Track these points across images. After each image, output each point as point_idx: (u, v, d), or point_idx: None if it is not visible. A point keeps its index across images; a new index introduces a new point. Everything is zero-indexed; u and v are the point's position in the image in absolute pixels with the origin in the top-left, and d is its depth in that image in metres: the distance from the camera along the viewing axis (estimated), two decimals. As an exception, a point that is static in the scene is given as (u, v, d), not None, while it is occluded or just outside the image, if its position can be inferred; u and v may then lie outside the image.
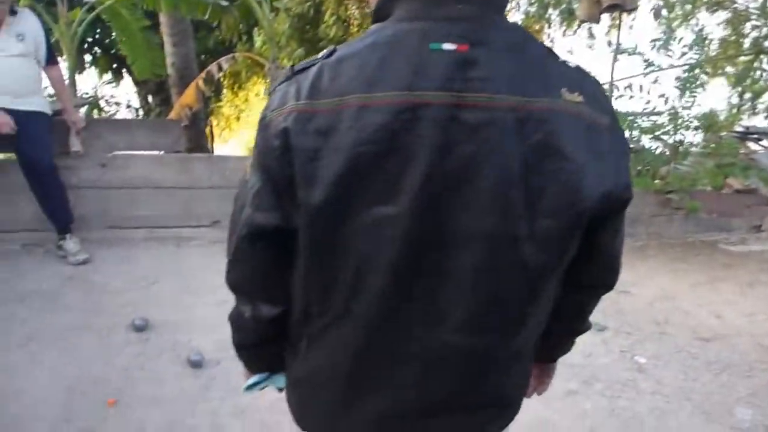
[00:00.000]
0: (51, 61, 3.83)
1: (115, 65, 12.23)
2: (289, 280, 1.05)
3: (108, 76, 12.83)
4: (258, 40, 10.92)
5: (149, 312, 3.36)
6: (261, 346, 1.18)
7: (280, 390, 1.31)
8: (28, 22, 3.65)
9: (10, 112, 3.58)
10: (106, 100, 13.23)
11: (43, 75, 3.87)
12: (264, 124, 0.96)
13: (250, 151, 1.13)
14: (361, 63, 0.89)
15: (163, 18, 8.10)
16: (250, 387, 1.30)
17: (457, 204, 0.88)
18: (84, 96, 10.63)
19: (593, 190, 0.90)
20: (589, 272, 1.06)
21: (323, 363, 1.05)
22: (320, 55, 0.95)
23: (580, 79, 0.94)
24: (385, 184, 0.87)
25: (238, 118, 17.22)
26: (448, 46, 0.87)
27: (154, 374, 2.87)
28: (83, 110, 9.28)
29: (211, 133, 11.71)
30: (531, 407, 1.44)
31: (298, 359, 1.11)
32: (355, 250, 0.92)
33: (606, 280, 1.10)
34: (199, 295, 3.59)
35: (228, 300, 1.07)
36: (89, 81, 12.42)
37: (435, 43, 0.87)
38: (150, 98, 12.05)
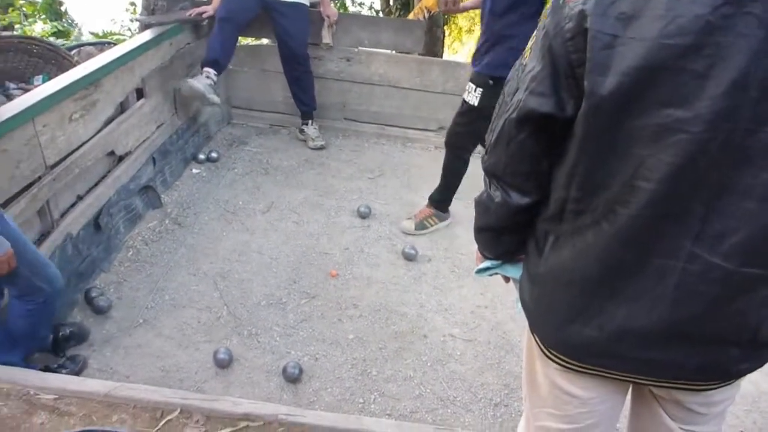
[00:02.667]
0: (316, -44, 4.05)
1: (363, -35, 12.63)
2: (547, 172, 1.04)
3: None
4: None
5: (372, 201, 3.60)
6: (503, 232, 1.20)
7: (507, 280, 1.34)
8: None
9: (277, 3, 3.89)
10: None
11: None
12: (558, 5, 0.92)
13: (532, 36, 1.09)
14: None
15: None
16: (481, 271, 1.34)
17: (763, 118, 0.79)
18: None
19: None
20: None
21: (568, 263, 1.03)
22: None
23: None
24: (685, 84, 0.80)
25: (470, 31, 17.01)
26: None
27: (372, 258, 3.11)
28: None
29: (442, 41, 11.75)
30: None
31: (541, 255, 1.10)
32: (636, 150, 0.87)
33: None
34: (418, 193, 3.74)
35: None
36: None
37: None
38: (391, 1, 12.31)
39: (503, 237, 1.21)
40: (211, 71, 3.75)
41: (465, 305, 2.83)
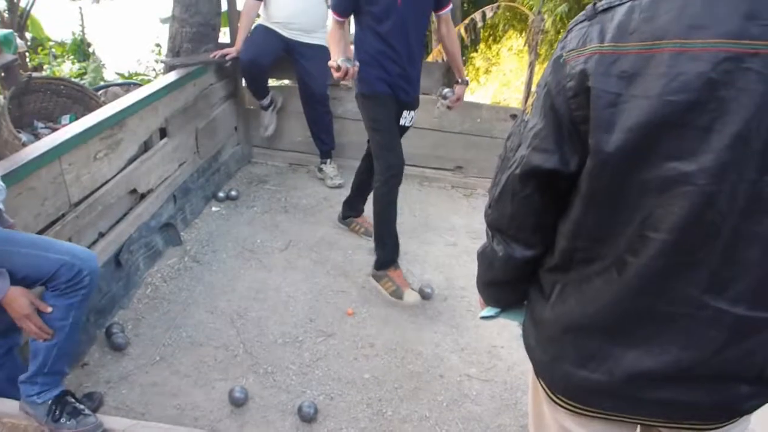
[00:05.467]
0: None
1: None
2: (552, 225, 1.05)
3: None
4: (523, -8, 10.74)
5: (390, 240, 3.61)
6: (507, 285, 1.21)
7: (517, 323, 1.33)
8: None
9: (299, 45, 3.99)
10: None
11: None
12: (558, 64, 0.94)
13: (533, 92, 1.11)
14: (682, 4, 0.82)
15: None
16: (485, 317, 1.35)
17: (767, 168, 0.81)
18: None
19: None
20: None
21: (575, 310, 1.04)
22: None
23: None
24: (689, 139, 0.82)
25: (488, 71, 17.21)
26: None
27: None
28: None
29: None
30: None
31: (546, 303, 1.11)
32: (642, 203, 0.89)
33: None
34: (435, 232, 3.76)
35: (458, 244, 1.11)
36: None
37: None
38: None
39: (507, 289, 1.22)
40: (265, 104, 4.33)
41: (481, 345, 2.81)
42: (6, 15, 8.09)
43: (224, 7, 4.31)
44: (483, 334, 2.88)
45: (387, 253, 3.11)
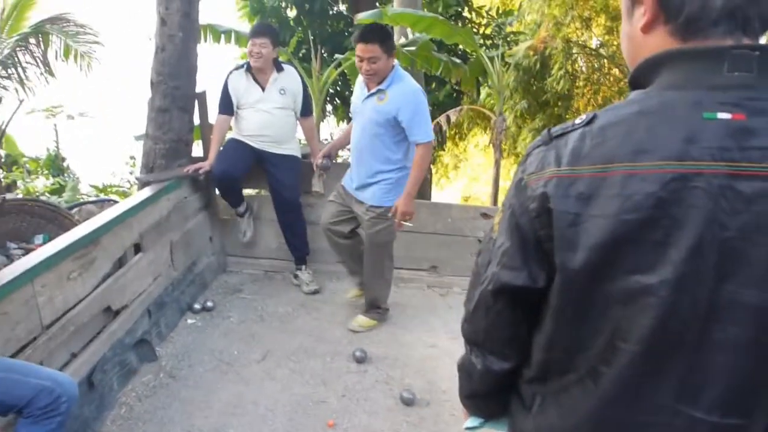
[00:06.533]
0: (306, 113, 4.31)
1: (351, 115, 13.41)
2: (526, 337, 1.08)
3: (344, 124, 14.14)
4: (483, 93, 11.26)
5: (368, 345, 3.59)
6: (487, 397, 1.23)
7: None
8: (291, 78, 4.16)
9: (271, 156, 4.11)
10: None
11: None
12: (520, 187, 0.99)
13: (499, 211, 1.15)
14: (626, 131, 0.88)
15: (398, 72, 8.71)
16: (470, 428, 1.35)
17: (726, 276, 0.85)
18: (324, 141, 11.73)
19: None
20: None
21: (557, 422, 1.04)
22: (578, 121, 0.96)
23: None
24: (648, 253, 0.86)
25: (456, 167, 17.71)
26: (723, 116, 0.84)
27: (369, 405, 3.05)
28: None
29: (430, 180, 12.25)
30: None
31: (528, 414, 1.11)
32: (609, 316, 0.91)
33: None
34: (414, 334, 3.75)
35: (438, 345, 1.11)
36: (327, 128, 13.84)
37: (709, 113, 0.85)
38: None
39: (489, 400, 1.23)
40: (241, 211, 4.44)
41: (467, 451, 2.74)
42: (-20, 135, 8.21)
43: (197, 121, 4.45)
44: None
45: None
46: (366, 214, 3.56)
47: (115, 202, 3.72)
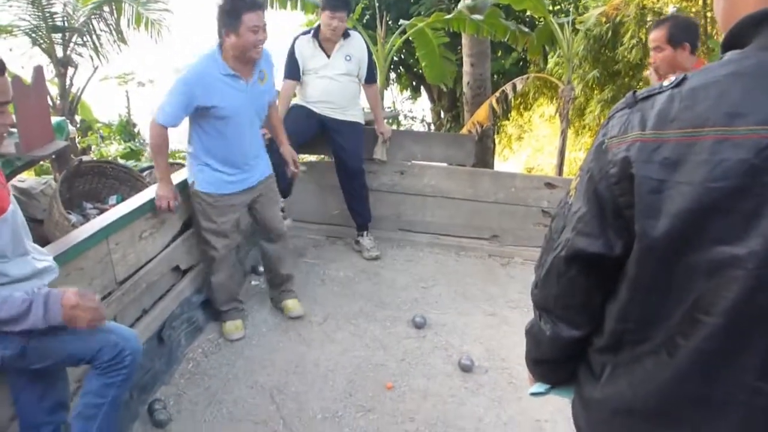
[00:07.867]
0: (370, 79, 4.30)
1: (414, 83, 13.31)
2: (599, 306, 1.05)
3: (407, 92, 14.07)
4: (551, 62, 10.94)
5: (427, 311, 3.61)
6: (554, 364, 1.21)
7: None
8: (356, 45, 4.15)
9: (334, 122, 4.13)
10: (404, 114, 14.51)
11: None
12: (600, 150, 0.96)
13: (574, 176, 1.11)
14: (720, 93, 0.83)
15: (464, 39, 8.57)
16: (535, 393, 1.33)
17: None
18: (387, 109, 11.71)
19: None
20: None
21: (627, 392, 1.01)
22: (666, 83, 0.91)
23: None
24: (737, 223, 0.82)
25: (520, 138, 17.37)
26: None
27: (427, 369, 3.07)
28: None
29: (493, 150, 12.07)
30: None
31: (596, 383, 1.09)
32: (690, 287, 0.88)
33: None
34: (473, 302, 3.74)
35: (498, 313, 1.10)
36: (390, 96, 13.82)
37: None
38: (442, 114, 12.80)
39: (556, 368, 1.21)
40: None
41: (524, 419, 2.74)
42: (58, 101, 8.56)
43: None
44: (527, 407, 2.81)
45: None
46: None
47: (183, 166, 3.81)
